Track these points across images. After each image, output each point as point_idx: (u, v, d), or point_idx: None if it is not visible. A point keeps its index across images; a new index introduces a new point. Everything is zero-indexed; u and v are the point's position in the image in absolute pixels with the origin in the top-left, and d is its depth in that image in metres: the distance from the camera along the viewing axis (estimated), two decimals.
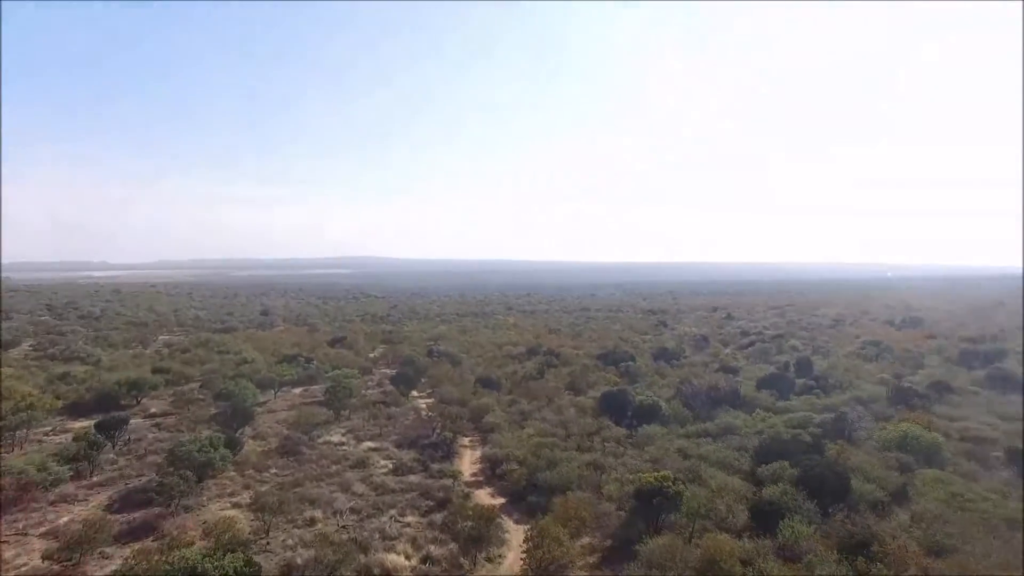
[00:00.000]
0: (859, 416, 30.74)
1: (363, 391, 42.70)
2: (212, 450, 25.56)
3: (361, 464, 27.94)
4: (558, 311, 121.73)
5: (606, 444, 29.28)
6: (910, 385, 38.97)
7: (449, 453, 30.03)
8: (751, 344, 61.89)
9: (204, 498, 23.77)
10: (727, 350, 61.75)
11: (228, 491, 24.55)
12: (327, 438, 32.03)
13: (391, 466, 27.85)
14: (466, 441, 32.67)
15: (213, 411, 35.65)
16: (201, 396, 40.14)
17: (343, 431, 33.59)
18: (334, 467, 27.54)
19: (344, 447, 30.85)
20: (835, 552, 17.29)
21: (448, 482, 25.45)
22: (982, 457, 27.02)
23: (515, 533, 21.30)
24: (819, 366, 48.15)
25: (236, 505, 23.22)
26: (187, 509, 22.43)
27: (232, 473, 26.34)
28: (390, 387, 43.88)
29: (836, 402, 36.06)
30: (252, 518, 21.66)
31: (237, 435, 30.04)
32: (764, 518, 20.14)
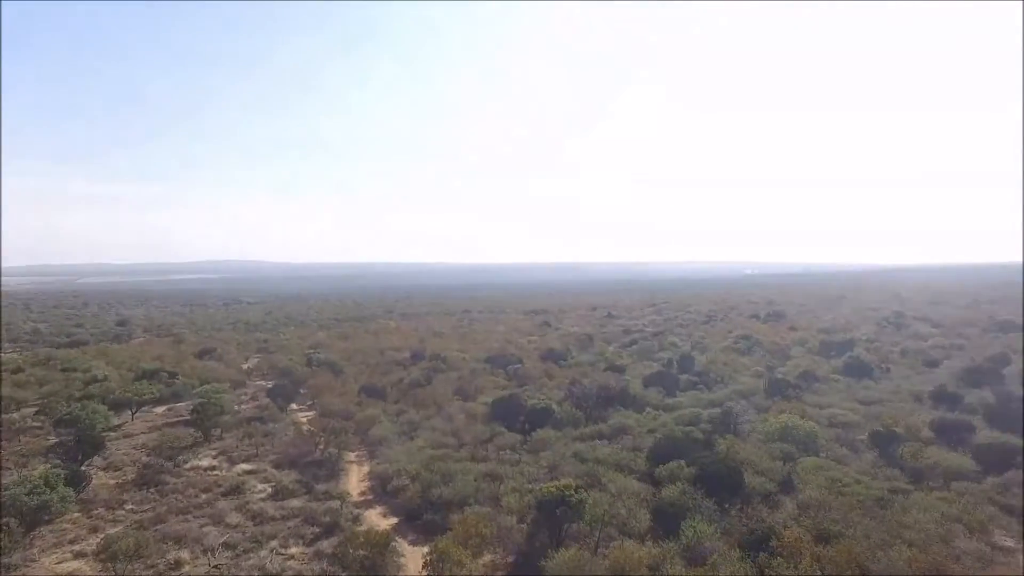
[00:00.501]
0: (743, 409, 32.29)
1: (236, 407, 39.40)
2: (48, 490, 22.04)
3: (236, 490, 25.44)
4: (440, 313, 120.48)
5: (501, 452, 28.67)
6: (782, 377, 41.73)
7: (334, 471, 28.18)
8: (634, 342, 64.12)
9: (36, 550, 20.31)
10: (611, 348, 63.52)
11: (69, 538, 21.22)
12: (195, 463, 29.04)
13: (270, 490, 25.59)
14: (352, 457, 30.84)
15: (52, 441, 31.11)
16: (37, 424, 35.07)
17: (214, 453, 30.63)
18: (203, 496, 24.84)
19: (215, 472, 28.08)
20: (737, 550, 17.61)
21: (335, 504, 23.66)
22: (850, 441, 29.19)
23: (412, 557, 20.00)
24: (699, 362, 50.55)
25: (79, 554, 20.08)
26: (11, 568, 18.95)
27: (77, 515, 22.90)
28: (266, 401, 40.83)
29: (719, 396, 37.80)
30: (100, 569, 18.75)
31: (83, 468, 26.30)
32: (666, 520, 20.29)
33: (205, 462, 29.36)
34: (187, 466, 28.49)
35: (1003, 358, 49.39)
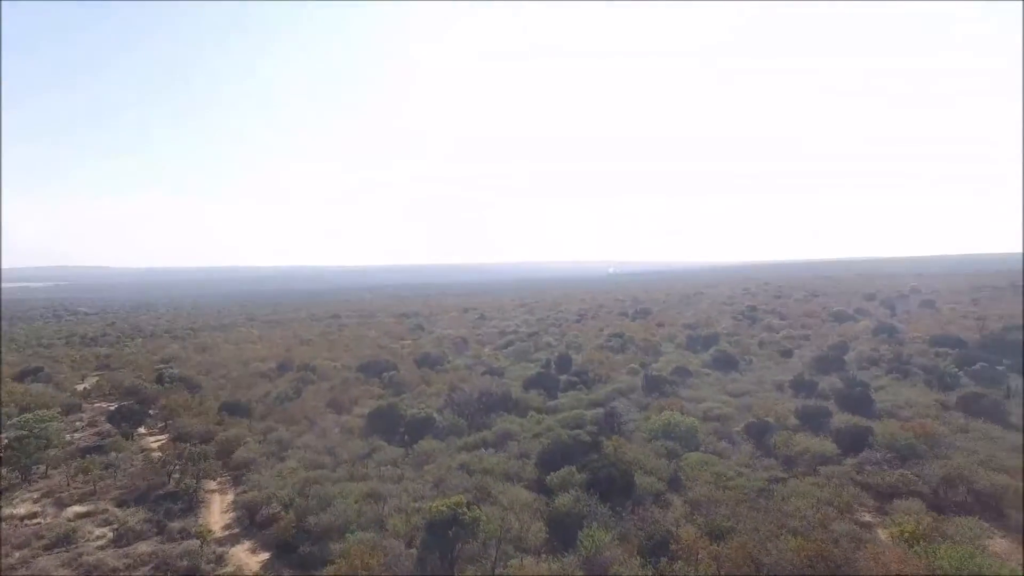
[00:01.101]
0: (626, 408, 32.90)
1: (68, 436, 34.40)
2: None
3: (65, 540, 21.94)
4: (306, 319, 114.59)
5: (382, 468, 26.99)
6: (658, 373, 43.29)
7: (193, 504, 25.25)
8: (510, 344, 64.29)
9: None
10: (487, 350, 63.22)
11: None
12: (10, 511, 24.68)
13: (111, 535, 22.33)
14: (214, 485, 27.87)
15: None
16: None
17: (36, 496, 26.36)
18: (19, 553, 21.01)
19: (37, 520, 24.01)
20: (637, 557, 17.44)
21: (194, 544, 20.98)
22: (727, 434, 30.59)
23: None
24: (576, 361, 51.43)
25: None
26: None
27: None
28: (108, 427, 36.05)
29: (599, 396, 38.43)
30: None
31: None
32: (562, 530, 19.85)
33: (23, 509, 25.13)
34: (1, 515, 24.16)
35: (843, 346, 54.85)
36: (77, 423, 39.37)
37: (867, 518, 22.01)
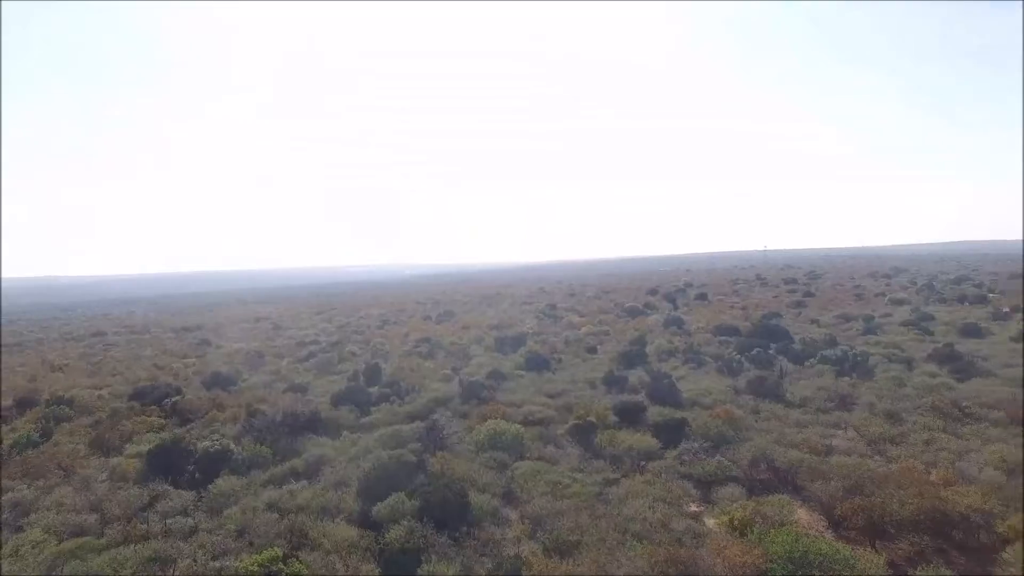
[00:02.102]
0: (447, 420, 31.37)
1: None
2: None
3: None
4: (61, 339, 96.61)
5: (169, 521, 22.33)
6: (473, 378, 42.47)
7: None
8: (311, 355, 59.51)
9: None
10: (285, 363, 57.99)
11: None
12: None
13: None
14: None
15: None
16: None
17: None
18: None
19: None
20: None
21: None
22: (552, 438, 30.44)
23: None
24: (386, 371, 48.89)
25: None
26: None
27: None
28: None
29: (416, 408, 36.51)
30: None
31: None
32: (398, 569, 17.72)
33: None
34: None
35: (642, 340, 58.92)
36: None
37: (693, 508, 22.93)
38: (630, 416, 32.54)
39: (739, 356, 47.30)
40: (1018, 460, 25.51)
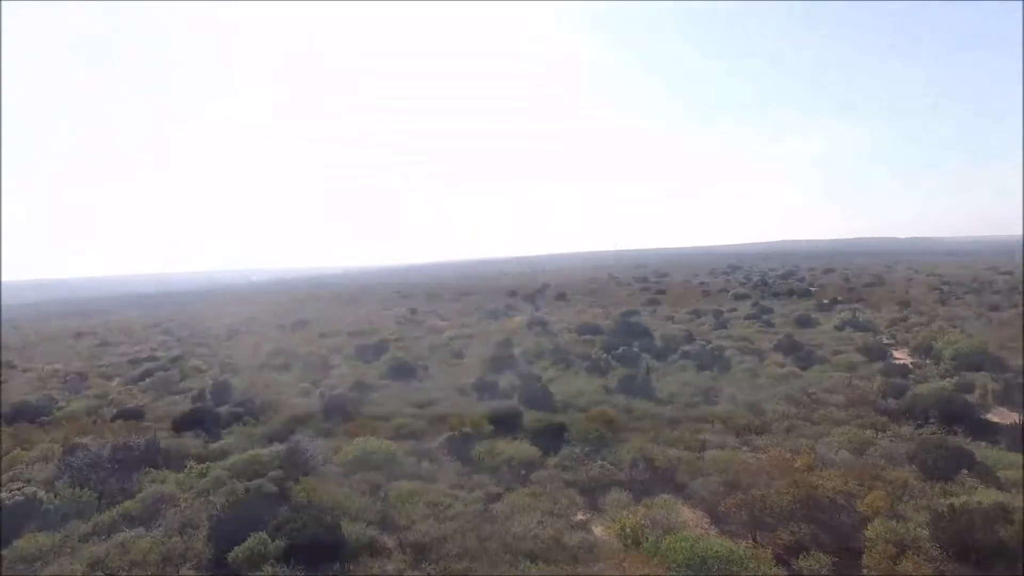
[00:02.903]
0: (310, 440, 28.52)
1: None
2: None
3: None
4: None
5: None
6: (338, 391, 39.57)
7: None
8: (148, 374, 52.71)
9: None
10: (115, 384, 51.13)
11: None
12: None
13: None
14: None
15: None
16: None
17: None
18: None
19: None
20: None
21: None
22: (427, 453, 28.60)
23: None
24: (237, 388, 44.39)
25: None
26: None
27: None
28: None
29: (274, 428, 33.06)
30: None
31: None
32: None
33: None
34: None
35: (508, 343, 58.51)
36: None
37: (581, 516, 22.28)
38: (506, 423, 31.50)
39: (606, 355, 48.12)
40: (864, 439, 27.74)
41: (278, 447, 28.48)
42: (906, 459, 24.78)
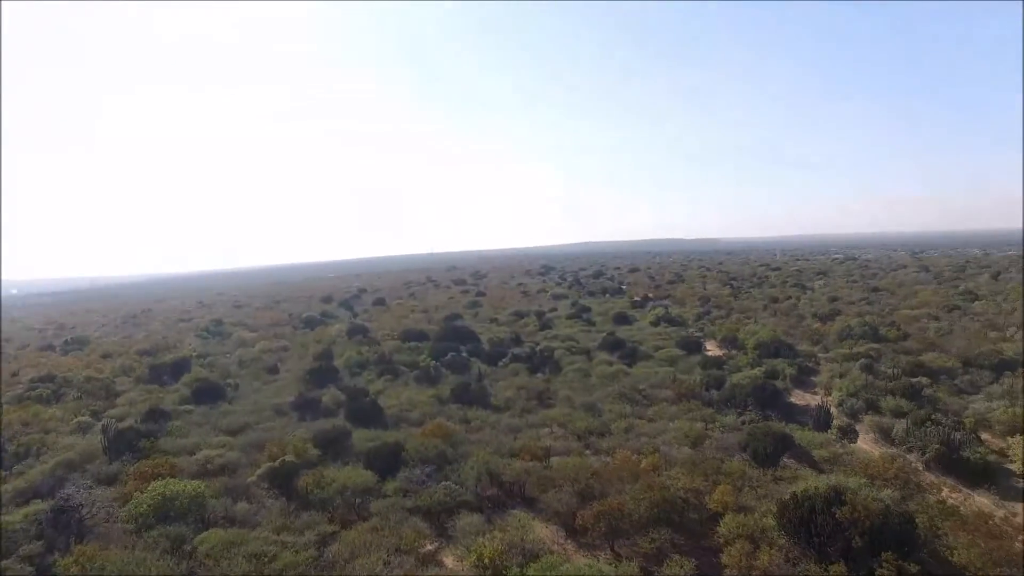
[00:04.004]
0: (88, 491, 23.00)
1: None
2: None
3: None
4: None
5: None
6: (126, 423, 33.01)
7: None
8: None
9: None
10: None
11: None
12: None
13: None
14: None
15: None
16: None
17: None
18: None
19: None
20: None
21: None
22: (243, 490, 24.47)
23: None
24: None
25: None
26: None
27: None
28: None
29: (35, 480, 26.38)
30: None
31: None
32: None
33: None
34: None
35: (328, 353, 53.96)
36: None
37: (430, 547, 19.97)
38: (334, 446, 28.19)
39: (435, 362, 45.92)
40: (698, 432, 28.52)
41: (39, 506, 22.49)
42: (738, 448, 25.78)
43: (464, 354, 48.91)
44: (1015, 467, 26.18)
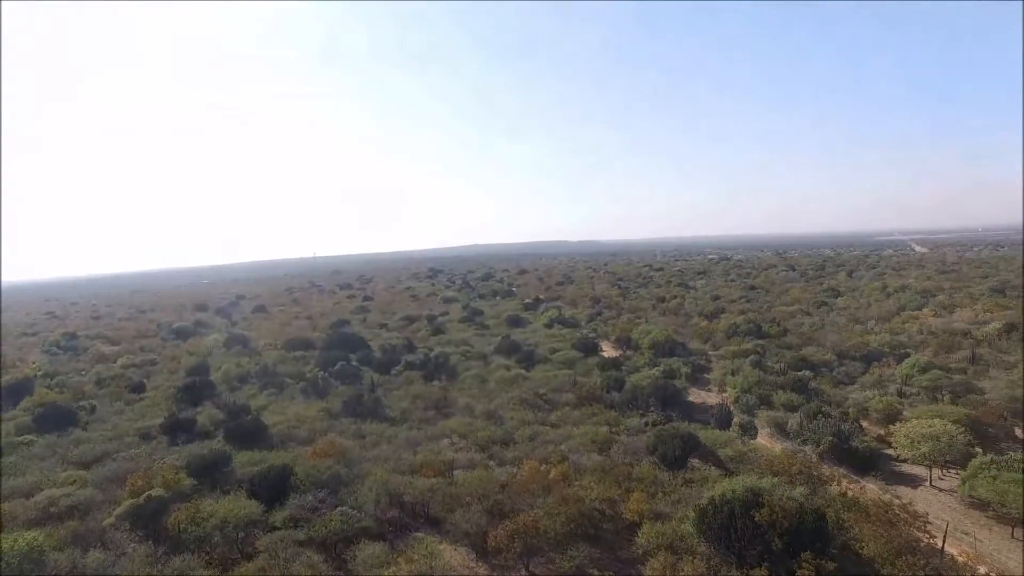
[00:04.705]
0: None
1: None
2: None
3: None
4: None
5: None
6: None
7: None
8: None
9: None
10: None
11: None
12: None
13: None
14: None
15: None
16: None
17: None
18: None
19: None
20: None
21: None
22: (99, 534, 20.79)
23: None
24: None
25: None
26: None
27: None
28: None
29: None
30: None
31: None
32: None
33: None
34: None
35: (203, 367, 49.00)
36: None
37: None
38: (211, 473, 24.98)
39: (322, 373, 42.65)
40: (604, 437, 27.72)
41: None
42: (646, 451, 25.20)
43: (354, 363, 45.95)
44: (893, 452, 27.64)
